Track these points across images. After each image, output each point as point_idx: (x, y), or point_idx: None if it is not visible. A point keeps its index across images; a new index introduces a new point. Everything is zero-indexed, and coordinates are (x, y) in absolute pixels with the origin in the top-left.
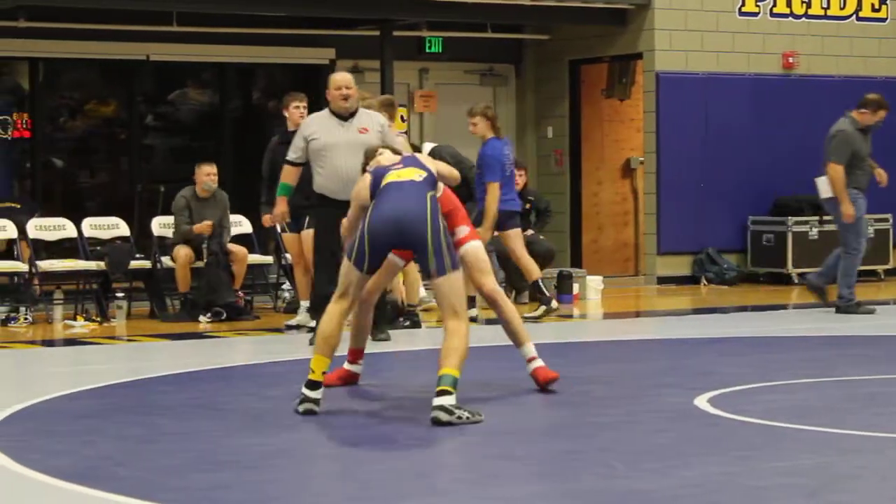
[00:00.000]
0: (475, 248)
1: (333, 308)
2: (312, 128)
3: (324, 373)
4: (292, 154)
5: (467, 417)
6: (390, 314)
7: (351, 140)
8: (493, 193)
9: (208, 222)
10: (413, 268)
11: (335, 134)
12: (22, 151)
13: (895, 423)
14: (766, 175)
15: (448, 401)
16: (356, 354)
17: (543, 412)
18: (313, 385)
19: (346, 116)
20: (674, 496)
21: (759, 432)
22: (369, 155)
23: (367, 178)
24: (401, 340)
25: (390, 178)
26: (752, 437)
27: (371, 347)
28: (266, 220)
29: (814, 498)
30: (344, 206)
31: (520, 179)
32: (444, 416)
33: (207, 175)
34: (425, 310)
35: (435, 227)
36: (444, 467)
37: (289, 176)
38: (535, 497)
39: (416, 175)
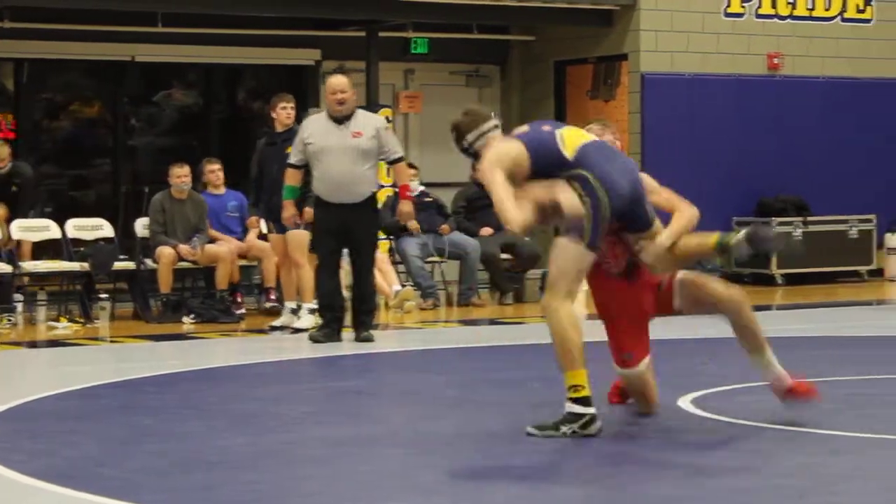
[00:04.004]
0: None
1: (569, 309)
2: (309, 130)
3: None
4: (293, 157)
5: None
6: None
7: (344, 144)
8: None
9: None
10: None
11: (330, 137)
12: None
13: (878, 423)
14: (750, 176)
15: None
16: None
17: (526, 414)
18: (587, 401)
19: (341, 120)
20: (656, 497)
21: (743, 433)
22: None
23: (516, 143)
24: (391, 340)
25: (575, 135)
26: (737, 438)
27: (356, 349)
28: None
29: (802, 499)
30: (338, 208)
31: None
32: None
33: (178, 177)
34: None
35: None
36: (430, 469)
37: (292, 178)
38: (517, 498)
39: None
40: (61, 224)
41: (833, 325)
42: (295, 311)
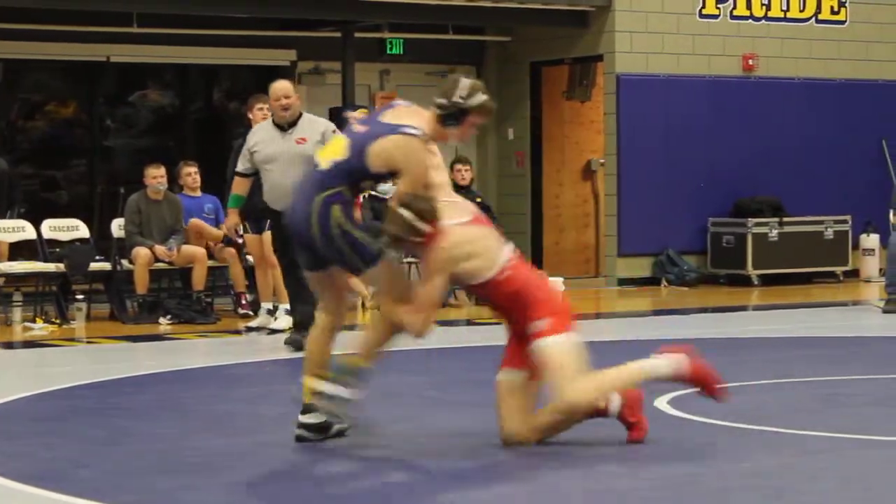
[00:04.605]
0: None
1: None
2: (255, 139)
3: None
4: (240, 165)
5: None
6: None
7: (288, 151)
8: None
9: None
10: None
11: (274, 145)
12: None
13: (856, 423)
14: (726, 177)
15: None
16: None
17: None
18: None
19: (286, 127)
20: (638, 497)
21: (721, 433)
22: None
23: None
24: None
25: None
26: (714, 437)
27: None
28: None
29: (779, 499)
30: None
31: (466, 174)
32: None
33: (154, 178)
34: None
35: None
36: (406, 470)
37: (238, 187)
38: (496, 497)
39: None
40: (37, 224)
41: (809, 325)
42: (271, 312)
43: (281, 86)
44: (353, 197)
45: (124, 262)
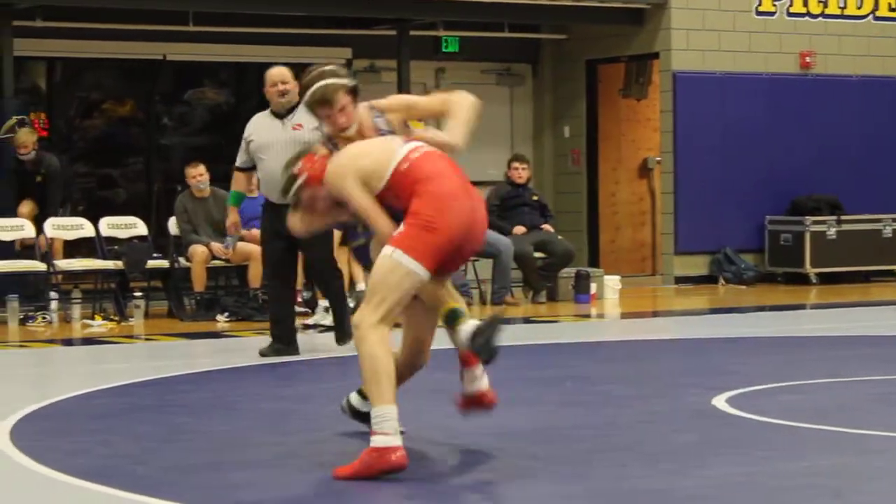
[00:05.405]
0: None
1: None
2: (250, 128)
3: None
4: (238, 159)
5: None
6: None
7: (285, 138)
8: None
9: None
10: None
11: (271, 133)
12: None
13: None
14: (783, 175)
15: None
16: None
17: (562, 412)
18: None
19: (282, 114)
20: (694, 496)
21: (778, 432)
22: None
23: None
24: None
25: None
26: (772, 437)
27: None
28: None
29: (838, 498)
30: (284, 209)
31: (523, 173)
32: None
33: (194, 177)
34: None
35: None
36: (464, 467)
37: (237, 183)
38: (554, 497)
39: None
40: (95, 222)
41: (867, 324)
42: (328, 310)
43: (278, 71)
44: None
45: (181, 259)
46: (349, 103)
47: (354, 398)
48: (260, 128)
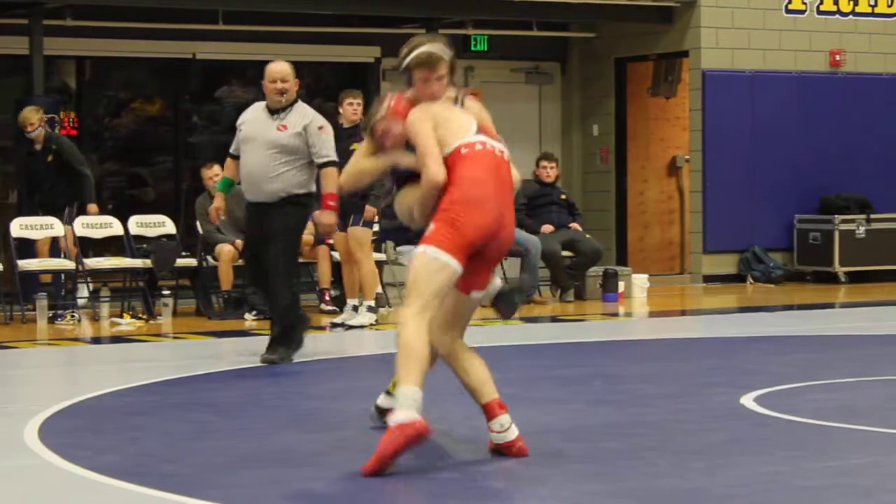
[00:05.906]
0: None
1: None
2: (244, 117)
3: None
4: (232, 146)
5: None
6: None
7: (266, 136)
8: None
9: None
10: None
11: (257, 127)
12: None
13: None
14: (812, 173)
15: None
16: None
17: (591, 411)
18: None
19: (276, 111)
20: (722, 495)
21: (807, 431)
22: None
23: None
24: None
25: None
26: (801, 436)
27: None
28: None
29: (869, 498)
30: (256, 208)
31: (551, 171)
32: None
33: (210, 179)
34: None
35: None
36: (494, 466)
37: (228, 169)
38: (583, 495)
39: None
40: (124, 221)
41: (894, 323)
42: (356, 308)
43: (279, 68)
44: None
45: (209, 258)
46: (447, 76)
47: (381, 399)
48: (251, 119)
